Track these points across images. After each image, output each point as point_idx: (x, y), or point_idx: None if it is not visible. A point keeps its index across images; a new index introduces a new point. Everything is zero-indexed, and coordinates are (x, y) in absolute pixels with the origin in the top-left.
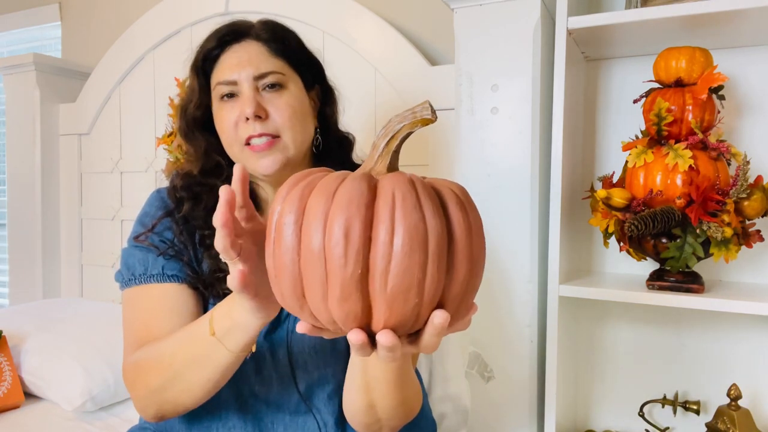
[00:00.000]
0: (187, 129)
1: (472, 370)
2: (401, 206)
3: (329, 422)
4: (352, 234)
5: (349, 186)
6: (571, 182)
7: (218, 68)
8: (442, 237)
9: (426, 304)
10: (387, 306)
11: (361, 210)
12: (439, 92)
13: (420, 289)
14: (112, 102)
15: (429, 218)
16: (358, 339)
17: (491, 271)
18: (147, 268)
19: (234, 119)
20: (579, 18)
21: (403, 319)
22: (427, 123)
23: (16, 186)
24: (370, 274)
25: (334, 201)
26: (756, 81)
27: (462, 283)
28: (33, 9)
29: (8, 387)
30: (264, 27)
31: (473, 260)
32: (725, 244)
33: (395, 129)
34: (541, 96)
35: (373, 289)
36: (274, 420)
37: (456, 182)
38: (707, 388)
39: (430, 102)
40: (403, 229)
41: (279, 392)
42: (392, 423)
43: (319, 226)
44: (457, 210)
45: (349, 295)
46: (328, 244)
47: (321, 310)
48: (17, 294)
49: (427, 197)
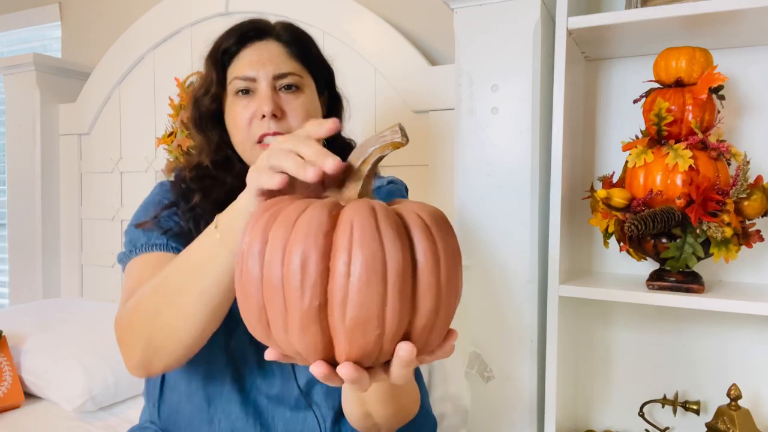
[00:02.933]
0: (200, 120)
1: (472, 370)
2: (359, 236)
3: (328, 418)
4: (309, 265)
5: (309, 215)
6: (571, 182)
7: (237, 63)
8: (403, 266)
9: (389, 336)
10: (347, 338)
11: (318, 240)
12: (439, 92)
13: (381, 321)
14: (112, 102)
15: (389, 247)
16: (320, 372)
17: (491, 271)
18: (150, 238)
19: (249, 116)
20: (579, 18)
21: (365, 352)
22: (398, 146)
23: (16, 186)
24: (329, 306)
25: (293, 231)
26: (756, 81)
27: (429, 313)
28: (33, 9)
29: (8, 387)
30: (285, 29)
31: (441, 289)
32: (725, 244)
33: (366, 153)
34: (541, 96)
35: (332, 320)
36: (275, 414)
37: (429, 206)
38: (707, 388)
39: (401, 125)
40: (361, 259)
41: (280, 387)
42: (389, 426)
43: (278, 256)
44: (423, 238)
45: (308, 327)
46: (286, 275)
47: (284, 341)
48: (17, 294)
49: (389, 225)
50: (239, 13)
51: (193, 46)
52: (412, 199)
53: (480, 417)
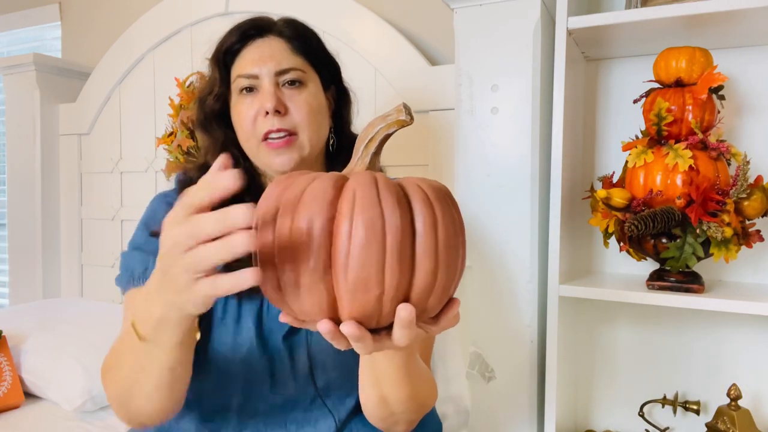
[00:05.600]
0: (205, 121)
1: (473, 371)
2: (360, 202)
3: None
4: (315, 229)
5: (316, 185)
6: (571, 182)
7: (239, 61)
8: (402, 230)
9: (389, 297)
10: (349, 297)
11: (324, 207)
12: (439, 92)
13: (380, 280)
14: (112, 102)
15: (388, 213)
16: (326, 328)
17: (492, 271)
18: (147, 267)
19: (253, 113)
20: (579, 18)
21: (366, 310)
22: (403, 125)
23: (16, 186)
24: (333, 267)
25: (302, 199)
26: (756, 81)
27: (428, 276)
28: (33, 9)
29: (8, 387)
30: (287, 24)
31: (438, 255)
32: (725, 244)
33: (373, 132)
34: (541, 96)
35: (336, 281)
36: (286, 419)
37: (436, 181)
38: (707, 388)
39: (405, 104)
40: (361, 222)
41: (294, 391)
42: (406, 416)
43: (287, 223)
44: (422, 205)
45: (315, 287)
46: (294, 239)
47: (293, 302)
48: (17, 294)
49: (388, 193)
50: (239, 13)
51: (193, 46)
52: None
53: (480, 417)
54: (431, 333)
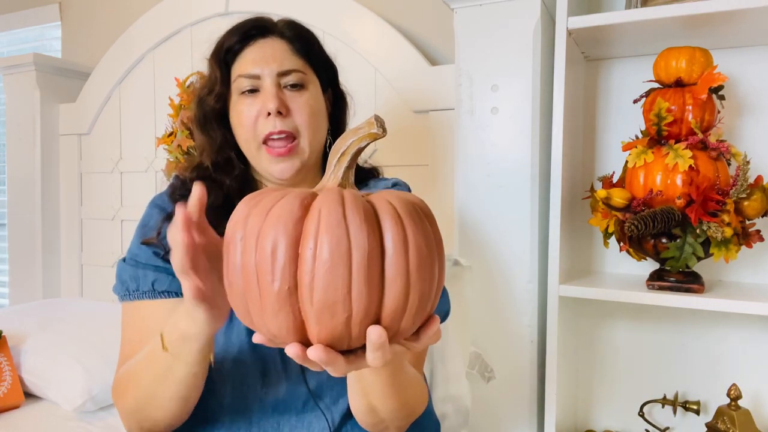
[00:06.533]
0: (204, 120)
1: (472, 371)
2: (325, 222)
3: (336, 419)
4: (278, 251)
5: (282, 204)
6: (571, 182)
7: (240, 61)
8: (369, 251)
9: (358, 319)
10: (316, 320)
11: (288, 227)
12: (439, 92)
13: (347, 304)
14: (112, 102)
15: (354, 233)
16: (294, 353)
17: (492, 271)
18: (138, 285)
19: (254, 114)
20: (579, 18)
21: (335, 334)
22: (375, 138)
23: (16, 186)
24: (299, 290)
25: (266, 219)
26: (756, 81)
27: (399, 296)
28: (33, 9)
29: (8, 387)
30: (288, 25)
31: (410, 275)
32: (725, 244)
33: (345, 145)
34: (541, 96)
35: (302, 304)
36: (279, 421)
37: (410, 195)
38: (707, 388)
39: (377, 116)
40: (326, 243)
41: (287, 394)
42: (396, 423)
43: (252, 243)
44: (392, 223)
45: (280, 310)
46: (259, 260)
47: (260, 325)
48: (17, 294)
49: (355, 212)
50: (239, 13)
51: (193, 46)
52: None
53: (480, 417)
54: (413, 350)
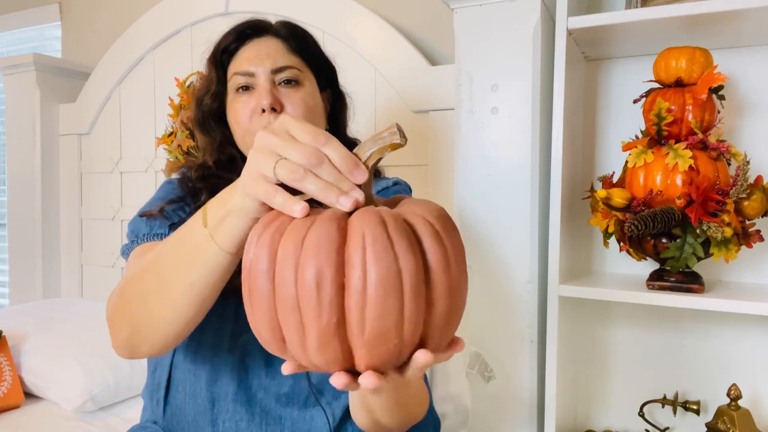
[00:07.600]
0: (203, 120)
1: (472, 370)
2: (372, 249)
3: (338, 416)
4: (324, 283)
5: (318, 231)
6: (571, 182)
7: (236, 60)
8: (418, 275)
9: (407, 343)
10: (366, 350)
11: (331, 257)
12: (439, 92)
13: (399, 331)
14: (112, 102)
15: (402, 258)
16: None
17: (492, 271)
18: (152, 228)
19: (249, 111)
20: (579, 18)
21: (385, 360)
22: (396, 147)
23: (16, 186)
24: (346, 321)
25: (304, 248)
26: (756, 81)
27: (443, 316)
28: (33, 9)
29: (8, 387)
30: (283, 25)
31: (453, 291)
32: (725, 244)
33: (365, 156)
34: (541, 96)
35: (351, 334)
36: (282, 414)
37: (432, 203)
38: (707, 388)
39: (398, 125)
40: (376, 272)
41: (290, 386)
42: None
43: (290, 275)
44: (433, 243)
45: (328, 344)
46: (301, 294)
47: (302, 356)
48: (17, 294)
49: (399, 236)
50: (239, 13)
51: (193, 46)
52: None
53: (480, 417)
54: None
